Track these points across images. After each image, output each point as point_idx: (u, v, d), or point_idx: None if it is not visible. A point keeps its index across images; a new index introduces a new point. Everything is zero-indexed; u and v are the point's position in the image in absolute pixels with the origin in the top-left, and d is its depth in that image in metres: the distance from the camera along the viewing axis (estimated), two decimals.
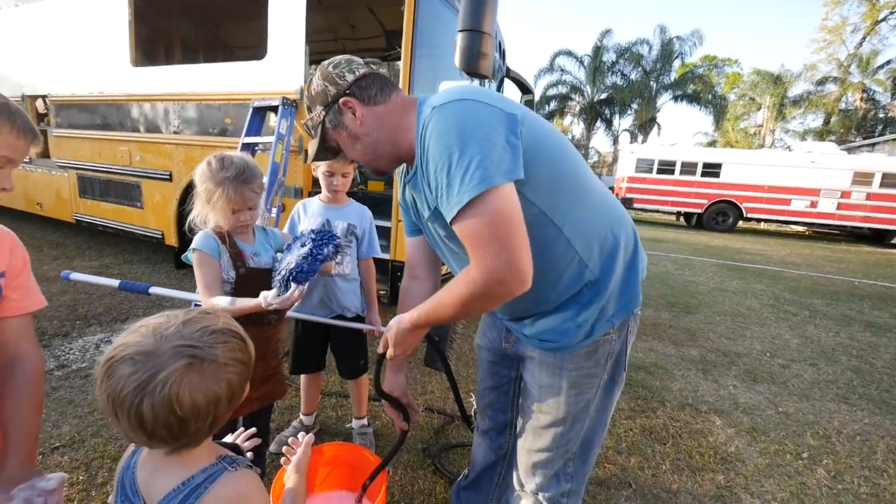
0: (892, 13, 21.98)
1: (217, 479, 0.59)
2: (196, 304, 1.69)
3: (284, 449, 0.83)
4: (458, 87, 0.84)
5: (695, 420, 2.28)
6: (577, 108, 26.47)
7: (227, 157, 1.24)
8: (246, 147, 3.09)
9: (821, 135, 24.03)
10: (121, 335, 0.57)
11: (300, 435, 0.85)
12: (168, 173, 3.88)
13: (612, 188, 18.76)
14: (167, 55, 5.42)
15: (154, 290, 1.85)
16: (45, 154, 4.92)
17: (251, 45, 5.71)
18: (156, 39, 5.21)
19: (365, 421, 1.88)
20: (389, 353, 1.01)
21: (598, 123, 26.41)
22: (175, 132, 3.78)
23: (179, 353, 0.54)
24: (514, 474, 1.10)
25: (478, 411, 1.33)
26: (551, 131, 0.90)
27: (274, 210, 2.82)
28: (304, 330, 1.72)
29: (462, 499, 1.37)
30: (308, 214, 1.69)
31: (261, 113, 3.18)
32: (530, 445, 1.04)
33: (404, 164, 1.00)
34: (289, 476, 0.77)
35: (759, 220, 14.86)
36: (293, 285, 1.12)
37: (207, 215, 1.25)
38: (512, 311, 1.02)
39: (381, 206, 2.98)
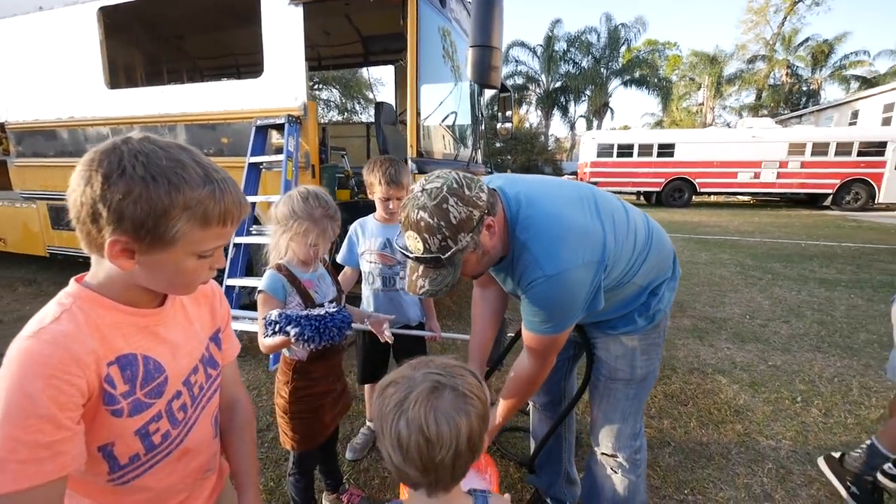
0: None
1: None
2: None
3: None
4: (566, 235, 0.94)
5: (704, 381, 2.60)
6: (534, 98, 27.18)
7: (318, 193, 1.29)
8: (253, 166, 3.10)
9: (754, 109, 26.12)
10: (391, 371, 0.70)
11: None
12: None
13: (574, 173, 19.64)
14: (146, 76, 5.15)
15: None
16: (6, 186, 4.59)
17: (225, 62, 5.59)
18: (132, 59, 4.93)
19: None
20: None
21: (555, 111, 27.28)
22: None
23: (427, 378, 0.65)
24: (592, 438, 1.30)
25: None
26: (621, 226, 1.06)
27: None
28: (370, 343, 1.82)
29: (543, 472, 1.57)
30: (367, 235, 1.79)
31: (263, 131, 3.18)
32: (605, 408, 1.24)
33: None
34: None
35: (709, 194, 16.04)
36: (279, 335, 1.15)
37: (287, 246, 1.32)
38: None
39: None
